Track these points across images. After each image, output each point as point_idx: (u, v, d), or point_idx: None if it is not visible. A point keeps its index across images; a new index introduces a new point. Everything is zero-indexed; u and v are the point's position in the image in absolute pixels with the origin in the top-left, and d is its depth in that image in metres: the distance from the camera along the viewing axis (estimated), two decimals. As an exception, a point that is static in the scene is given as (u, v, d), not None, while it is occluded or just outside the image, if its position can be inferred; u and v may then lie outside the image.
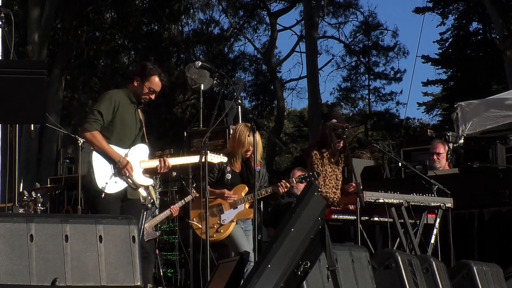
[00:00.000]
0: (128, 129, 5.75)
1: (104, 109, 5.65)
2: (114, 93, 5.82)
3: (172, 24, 25.50)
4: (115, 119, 5.69)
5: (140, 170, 5.73)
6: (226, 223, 6.30)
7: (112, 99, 5.71)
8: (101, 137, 5.60)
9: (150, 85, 5.80)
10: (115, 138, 5.68)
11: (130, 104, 5.81)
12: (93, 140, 5.59)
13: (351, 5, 28.15)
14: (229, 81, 6.96)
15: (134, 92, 5.83)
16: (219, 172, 6.41)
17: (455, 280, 5.85)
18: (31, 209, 7.40)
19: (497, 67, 21.59)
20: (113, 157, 5.59)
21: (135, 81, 5.82)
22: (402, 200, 6.67)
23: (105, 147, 5.58)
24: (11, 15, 4.91)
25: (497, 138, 9.23)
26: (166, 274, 8.87)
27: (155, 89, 5.84)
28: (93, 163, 5.56)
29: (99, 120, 5.62)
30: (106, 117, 5.64)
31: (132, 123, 5.79)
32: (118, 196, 5.62)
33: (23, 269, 3.54)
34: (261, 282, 3.24)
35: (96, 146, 5.60)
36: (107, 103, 5.69)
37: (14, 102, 4.29)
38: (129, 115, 5.78)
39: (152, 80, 5.80)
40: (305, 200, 3.54)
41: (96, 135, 5.59)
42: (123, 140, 5.72)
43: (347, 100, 30.67)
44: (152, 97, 5.88)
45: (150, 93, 5.83)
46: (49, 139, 18.86)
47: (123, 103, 5.74)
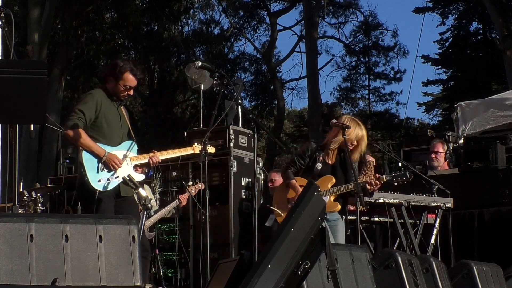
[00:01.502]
0: (114, 128, 5.74)
1: (86, 109, 5.63)
2: (96, 93, 5.80)
3: (172, 24, 25.49)
4: (100, 118, 5.68)
5: (131, 166, 5.72)
6: None
7: (94, 99, 5.70)
8: (85, 134, 5.57)
9: (124, 82, 5.76)
10: (103, 138, 5.67)
11: (112, 103, 5.80)
12: (76, 137, 5.56)
13: (351, 5, 28.16)
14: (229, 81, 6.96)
15: (112, 91, 5.80)
16: (311, 160, 6.27)
17: (455, 280, 5.85)
18: (31, 209, 7.39)
19: (497, 67, 21.60)
20: (98, 153, 5.57)
21: (108, 82, 5.80)
22: (402, 200, 6.67)
23: (89, 143, 5.56)
24: (11, 15, 4.91)
25: (497, 138, 9.23)
26: (166, 274, 8.85)
27: (130, 85, 5.79)
28: (84, 163, 5.53)
29: (82, 118, 5.59)
30: (89, 115, 5.62)
31: (116, 121, 5.78)
32: (111, 194, 5.61)
33: (23, 269, 3.54)
34: (261, 282, 3.24)
35: (79, 143, 5.57)
36: (89, 103, 5.68)
37: (14, 102, 4.28)
38: (112, 114, 5.77)
39: (125, 77, 5.75)
40: (305, 200, 3.54)
41: (79, 132, 5.56)
42: (112, 138, 5.71)
43: (347, 100, 30.67)
44: (130, 92, 5.84)
45: (127, 90, 5.79)
46: (49, 139, 18.86)
47: (105, 103, 5.74)
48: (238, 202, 8.04)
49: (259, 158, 9.05)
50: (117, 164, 5.58)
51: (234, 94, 6.96)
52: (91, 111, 5.64)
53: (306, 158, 6.25)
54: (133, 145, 5.82)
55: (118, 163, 5.58)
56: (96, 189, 5.50)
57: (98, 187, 5.51)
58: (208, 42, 27.00)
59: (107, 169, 5.57)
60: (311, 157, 6.25)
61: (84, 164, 5.54)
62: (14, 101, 4.28)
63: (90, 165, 5.55)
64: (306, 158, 6.25)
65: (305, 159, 6.25)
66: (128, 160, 5.71)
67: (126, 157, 5.69)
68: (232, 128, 8.18)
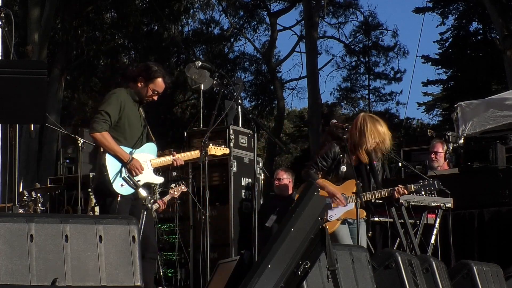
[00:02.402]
0: (135, 129, 5.74)
1: (111, 110, 5.61)
2: (120, 93, 5.76)
3: (172, 24, 25.49)
4: (122, 119, 5.66)
5: (151, 169, 5.73)
6: (332, 220, 5.94)
7: (119, 100, 5.67)
8: (111, 137, 5.57)
9: (154, 87, 5.77)
10: (124, 139, 5.66)
11: (134, 103, 5.78)
12: (103, 140, 5.56)
13: (351, 5, 28.15)
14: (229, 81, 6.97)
15: (137, 93, 5.79)
16: (334, 161, 6.07)
17: (455, 280, 5.85)
18: (31, 209, 7.40)
19: (497, 67, 21.59)
20: (122, 157, 5.57)
21: (139, 82, 5.77)
22: (402, 200, 6.66)
23: (115, 147, 5.56)
24: (11, 15, 4.91)
25: (497, 138, 9.23)
26: (166, 274, 8.85)
27: (158, 91, 5.80)
28: (107, 166, 5.54)
29: (108, 120, 5.58)
30: (114, 117, 5.61)
31: (137, 122, 5.77)
32: (130, 197, 5.64)
33: (23, 269, 3.54)
34: (261, 282, 3.24)
35: (106, 147, 5.57)
36: (114, 103, 5.65)
37: (14, 102, 4.28)
38: (134, 115, 5.75)
39: (157, 82, 5.76)
40: (305, 200, 3.54)
41: (105, 135, 5.56)
42: (132, 140, 5.70)
43: (347, 100, 30.67)
44: (155, 98, 5.85)
45: (154, 95, 5.80)
46: (49, 139, 18.86)
47: (128, 103, 5.72)
48: (238, 202, 8.04)
49: (259, 158, 9.05)
50: (139, 170, 5.60)
51: (234, 94, 6.96)
52: (116, 112, 5.62)
53: (329, 160, 6.07)
54: (153, 147, 5.82)
55: (140, 169, 5.61)
56: (118, 192, 5.52)
57: (120, 191, 5.53)
58: (208, 42, 27.00)
59: (129, 174, 5.59)
60: (335, 159, 6.06)
61: (108, 167, 5.54)
62: (14, 101, 4.27)
63: (113, 169, 5.56)
64: (329, 159, 6.06)
65: (328, 160, 6.07)
66: (149, 163, 5.72)
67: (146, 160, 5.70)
68: (232, 128, 8.18)
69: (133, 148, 5.68)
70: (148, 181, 5.72)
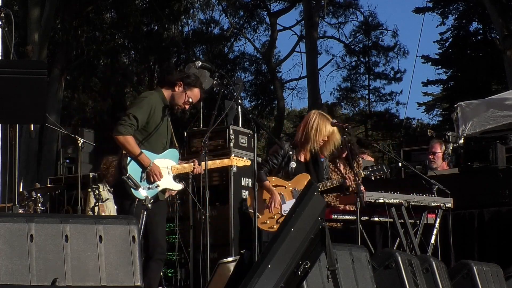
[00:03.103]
0: (161, 135, 5.72)
1: (140, 114, 5.58)
2: (152, 98, 5.73)
3: (172, 24, 25.49)
4: (150, 124, 5.64)
5: (171, 175, 5.73)
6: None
7: (150, 104, 5.64)
8: (134, 142, 5.55)
9: (191, 95, 5.77)
10: (148, 143, 5.65)
11: (163, 108, 5.75)
12: (126, 144, 5.53)
13: (351, 5, 28.17)
14: (229, 81, 6.96)
15: (172, 97, 5.78)
16: (284, 159, 6.28)
17: (455, 280, 5.85)
18: (31, 209, 7.40)
19: (497, 67, 21.60)
20: (143, 163, 5.55)
21: (177, 86, 5.75)
22: (402, 200, 6.66)
23: (137, 152, 5.54)
24: (11, 15, 4.91)
25: (497, 138, 9.23)
26: (166, 274, 8.85)
27: (193, 100, 5.81)
28: (128, 169, 5.53)
29: (134, 125, 5.56)
30: (141, 122, 5.59)
31: (164, 127, 5.75)
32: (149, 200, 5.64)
33: (23, 269, 3.54)
34: (261, 282, 3.24)
35: (128, 151, 5.55)
36: (144, 108, 5.62)
37: (14, 102, 4.28)
38: (162, 120, 5.72)
39: (195, 91, 5.79)
40: (305, 200, 3.54)
41: (129, 140, 5.53)
42: (156, 145, 5.69)
43: (347, 100, 30.68)
44: (186, 107, 5.85)
45: (187, 103, 5.80)
46: (49, 139, 18.85)
47: (158, 108, 5.69)
48: (238, 202, 8.04)
49: (259, 158, 9.04)
50: (157, 177, 5.59)
51: (234, 94, 6.96)
52: (144, 117, 5.60)
53: (279, 157, 6.29)
54: (175, 154, 5.82)
55: (159, 176, 5.60)
56: (136, 197, 5.51)
57: (138, 195, 5.53)
58: (208, 42, 26.99)
59: (147, 180, 5.58)
60: (284, 156, 6.27)
61: (129, 170, 5.54)
62: (14, 101, 4.27)
63: (133, 172, 5.55)
64: (279, 157, 6.28)
65: (278, 158, 6.29)
66: (169, 169, 5.71)
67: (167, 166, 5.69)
68: (232, 128, 8.17)
69: (156, 153, 5.67)
70: (167, 187, 5.72)
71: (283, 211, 6.18)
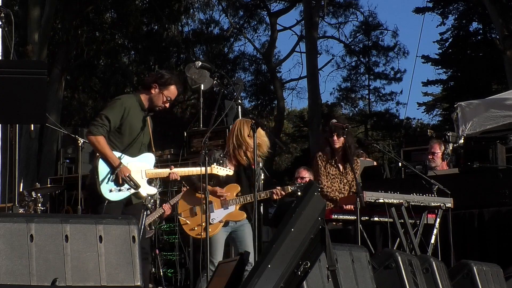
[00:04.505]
0: (135, 137, 5.76)
1: (113, 116, 5.65)
2: (126, 100, 5.80)
3: (172, 24, 25.50)
4: (124, 126, 5.69)
5: (145, 179, 5.75)
6: (214, 223, 6.17)
7: (123, 106, 5.70)
8: (105, 142, 5.60)
9: (168, 94, 5.84)
10: (122, 146, 5.69)
11: (140, 111, 5.80)
12: (96, 144, 5.61)
13: (351, 5, 28.17)
14: (229, 81, 6.97)
15: (149, 100, 5.84)
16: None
17: (455, 280, 5.85)
18: (31, 209, 7.40)
19: (497, 67, 21.59)
20: (113, 164, 5.60)
21: (152, 89, 5.82)
22: (402, 200, 6.66)
23: (107, 152, 5.59)
24: (11, 15, 4.91)
25: (497, 138, 9.23)
26: (166, 274, 8.86)
27: (171, 98, 5.87)
28: (99, 170, 5.58)
29: (106, 125, 5.62)
30: (114, 123, 5.64)
31: (139, 131, 5.78)
32: (121, 202, 5.66)
33: (23, 269, 3.54)
34: (261, 282, 3.24)
35: (98, 151, 5.62)
36: (117, 109, 5.68)
37: (14, 102, 4.29)
38: (138, 123, 5.77)
39: (171, 89, 5.84)
40: (305, 200, 3.54)
41: (100, 140, 5.59)
42: (130, 147, 5.73)
43: (347, 100, 30.69)
44: (167, 106, 5.91)
45: (167, 102, 5.86)
46: (49, 139, 18.85)
47: (134, 111, 5.74)
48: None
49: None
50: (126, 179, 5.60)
51: (234, 94, 6.97)
52: (117, 118, 5.66)
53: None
54: (151, 158, 5.84)
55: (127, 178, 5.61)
56: (105, 197, 5.54)
57: (108, 197, 5.56)
58: (208, 42, 27.00)
59: (117, 181, 5.61)
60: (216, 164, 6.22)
61: (99, 171, 5.58)
62: (14, 101, 4.28)
63: (103, 173, 5.59)
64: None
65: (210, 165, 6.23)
66: (143, 173, 5.73)
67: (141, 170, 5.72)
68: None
69: (130, 155, 5.69)
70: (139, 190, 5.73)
71: (211, 219, 6.12)
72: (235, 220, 6.24)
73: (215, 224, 6.17)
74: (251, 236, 6.27)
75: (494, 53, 21.90)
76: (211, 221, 6.15)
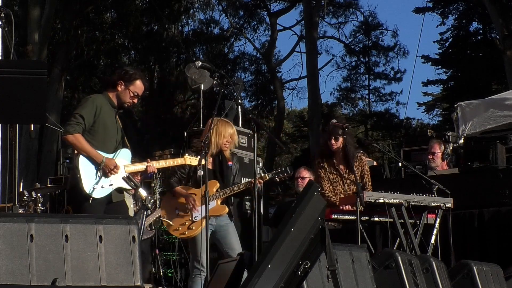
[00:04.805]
0: (110, 134, 5.80)
1: (86, 113, 5.68)
2: (96, 98, 5.86)
3: (172, 24, 25.50)
4: (97, 124, 5.72)
5: (125, 174, 5.76)
6: (198, 220, 6.18)
7: (94, 104, 5.75)
8: (84, 140, 5.63)
9: (135, 89, 5.87)
10: (98, 144, 5.71)
11: (111, 109, 5.86)
12: (75, 142, 5.62)
13: (351, 5, 28.18)
14: (229, 81, 6.97)
15: (117, 97, 5.88)
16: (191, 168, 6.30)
17: (455, 280, 5.85)
18: (31, 209, 7.39)
19: (497, 67, 21.59)
20: (96, 159, 5.62)
21: (118, 86, 5.87)
22: (402, 200, 6.66)
23: (88, 149, 5.61)
24: (11, 15, 4.92)
25: (497, 138, 9.23)
26: (166, 274, 8.86)
27: (138, 93, 5.91)
28: (80, 168, 5.58)
29: (81, 123, 5.65)
30: (88, 121, 5.67)
31: (113, 128, 5.83)
32: (103, 201, 5.66)
33: (23, 269, 3.54)
34: (261, 282, 3.24)
35: (78, 148, 5.63)
36: (89, 107, 5.72)
37: (14, 102, 4.29)
38: (110, 120, 5.82)
39: (136, 84, 5.87)
40: (305, 200, 3.54)
41: (78, 137, 5.62)
42: (106, 145, 5.75)
43: (347, 100, 30.69)
44: (135, 101, 5.97)
45: (134, 97, 5.91)
46: (49, 139, 18.86)
47: (105, 108, 5.79)
48: (238, 202, 8.03)
49: (259, 158, 9.05)
50: (114, 170, 5.63)
51: (234, 94, 6.98)
52: (90, 116, 5.68)
53: (186, 167, 6.28)
54: (128, 153, 5.88)
55: (115, 170, 5.65)
56: (89, 195, 5.55)
57: (92, 194, 5.56)
58: (208, 42, 27.02)
59: (104, 176, 5.62)
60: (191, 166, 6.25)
61: (80, 169, 5.58)
62: (14, 101, 4.28)
63: (86, 171, 5.59)
64: (186, 167, 6.27)
65: (186, 167, 6.28)
66: (122, 168, 5.77)
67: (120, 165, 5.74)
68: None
69: (107, 152, 5.73)
70: (121, 186, 5.75)
71: (194, 217, 6.19)
72: (217, 215, 6.24)
73: (199, 221, 6.18)
74: (235, 235, 6.30)
75: (494, 53, 21.90)
76: (194, 218, 6.19)
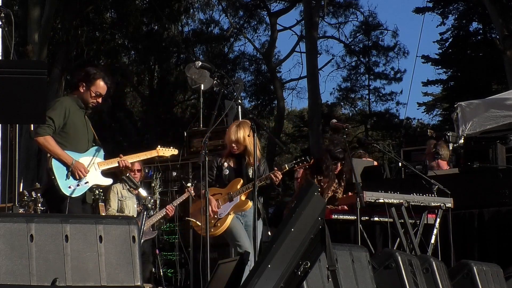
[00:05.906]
0: (81, 134, 5.89)
1: (55, 115, 5.75)
2: (64, 100, 5.96)
3: (172, 24, 25.50)
4: (67, 125, 5.81)
5: (99, 171, 5.85)
6: (223, 217, 6.33)
7: (63, 106, 5.83)
8: (54, 142, 5.71)
9: (96, 89, 5.93)
10: (70, 144, 5.80)
11: (79, 110, 5.94)
12: (45, 144, 5.71)
13: (351, 5, 28.17)
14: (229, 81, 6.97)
15: (82, 98, 5.95)
16: (218, 169, 6.49)
17: (455, 280, 5.85)
18: (31, 209, 7.40)
19: (497, 67, 21.58)
20: (66, 161, 5.70)
21: (80, 87, 5.94)
22: (402, 200, 6.66)
23: (58, 151, 5.70)
24: (11, 15, 4.91)
25: (497, 138, 9.22)
26: (166, 274, 8.86)
27: (101, 92, 5.97)
28: (54, 170, 5.67)
29: (51, 125, 5.72)
30: (58, 123, 5.75)
31: (83, 128, 5.92)
32: (80, 199, 5.76)
33: (23, 269, 3.54)
34: (261, 282, 3.24)
35: (49, 150, 5.72)
36: (58, 109, 5.79)
37: (14, 102, 4.28)
38: (80, 121, 5.91)
39: (97, 84, 5.93)
40: (305, 200, 3.54)
41: (49, 139, 5.71)
42: (78, 145, 5.84)
43: (347, 100, 30.69)
44: (99, 100, 6.01)
45: (97, 97, 5.96)
46: (49, 139, 18.82)
47: (73, 110, 5.87)
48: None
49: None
50: (82, 173, 5.72)
51: (234, 94, 6.97)
52: (60, 118, 5.77)
53: (215, 169, 6.49)
54: (100, 151, 5.95)
55: (83, 172, 5.73)
56: (66, 195, 5.63)
57: (68, 193, 5.66)
58: (208, 42, 27.01)
59: (73, 177, 5.70)
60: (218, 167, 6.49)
61: (54, 171, 5.68)
62: (14, 101, 4.28)
63: (60, 172, 5.69)
64: (215, 169, 6.49)
65: (214, 170, 6.49)
66: (96, 166, 5.86)
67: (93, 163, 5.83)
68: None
69: (80, 152, 5.80)
70: (97, 183, 5.84)
71: (219, 214, 6.35)
72: (242, 210, 6.37)
73: (224, 217, 6.33)
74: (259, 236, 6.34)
75: (494, 53, 21.90)
76: (219, 216, 6.34)
